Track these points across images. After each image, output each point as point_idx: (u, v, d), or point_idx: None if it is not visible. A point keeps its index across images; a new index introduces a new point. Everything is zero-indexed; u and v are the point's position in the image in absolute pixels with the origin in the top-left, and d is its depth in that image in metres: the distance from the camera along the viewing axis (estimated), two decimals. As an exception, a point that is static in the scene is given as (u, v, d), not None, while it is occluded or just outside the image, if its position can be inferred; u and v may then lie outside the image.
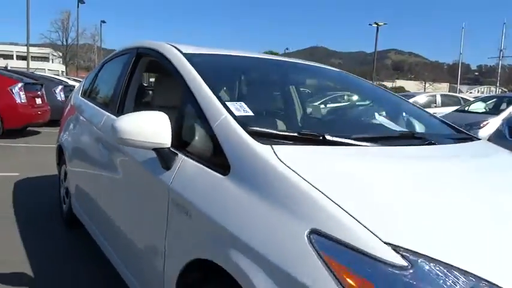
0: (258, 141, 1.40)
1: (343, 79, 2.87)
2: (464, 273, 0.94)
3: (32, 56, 46.54)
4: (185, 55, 2.06)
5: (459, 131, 2.28)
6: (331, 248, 1.02)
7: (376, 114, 2.29)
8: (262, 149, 1.36)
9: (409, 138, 1.87)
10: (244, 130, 1.46)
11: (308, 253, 1.04)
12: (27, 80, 9.17)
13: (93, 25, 50.25)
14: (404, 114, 2.46)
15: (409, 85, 75.71)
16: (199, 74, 1.84)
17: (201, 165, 1.53)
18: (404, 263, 0.95)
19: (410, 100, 12.57)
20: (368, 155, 1.52)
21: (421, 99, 12.90)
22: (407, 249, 0.97)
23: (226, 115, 1.55)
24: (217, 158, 1.48)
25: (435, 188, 1.32)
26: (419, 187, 1.31)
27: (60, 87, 11.20)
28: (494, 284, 0.92)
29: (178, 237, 1.53)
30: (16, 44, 72.59)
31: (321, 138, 1.53)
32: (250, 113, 1.62)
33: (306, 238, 1.06)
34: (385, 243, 0.98)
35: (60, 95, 10.85)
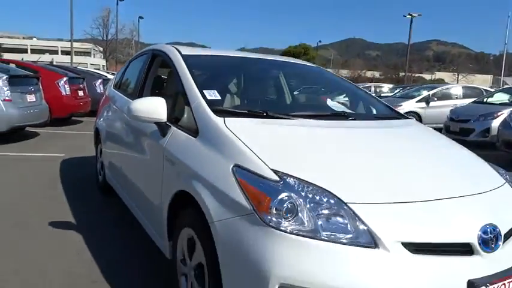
0: (217, 115, 2.12)
1: (317, 74, 3.52)
2: (310, 184, 1.62)
3: (75, 51, 48.93)
4: (182, 56, 2.80)
5: (397, 113, 2.89)
6: (243, 174, 1.73)
7: (328, 99, 2.95)
8: (217, 120, 2.08)
9: (338, 116, 2.53)
10: (210, 108, 2.19)
11: (231, 178, 1.74)
12: (71, 74, 10.28)
13: (131, 21, 52.21)
14: (359, 100, 3.10)
15: (447, 77, 73.37)
16: (189, 70, 2.57)
17: (184, 133, 2.26)
18: (278, 179, 1.64)
19: (431, 92, 12.79)
20: (291, 124, 2.20)
21: (441, 91, 13.01)
22: (282, 172, 1.66)
23: (201, 99, 2.27)
24: (193, 127, 2.20)
25: (322, 141, 2.03)
26: (310, 140, 2.01)
27: (99, 80, 12.34)
28: (328, 190, 1.59)
29: (168, 180, 2.27)
30: (61, 40, 76.62)
31: (264, 114, 2.23)
32: (219, 98, 2.35)
33: (231, 170, 1.77)
34: (271, 169, 1.68)
35: (99, 87, 11.96)
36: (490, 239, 1.63)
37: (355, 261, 1.48)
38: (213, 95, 2.35)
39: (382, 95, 16.59)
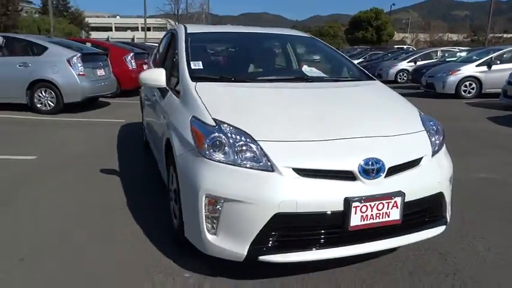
0: (192, 81, 2.78)
1: (307, 43, 4.00)
2: (236, 128, 2.22)
3: (153, 27, 51.68)
4: (186, 33, 3.48)
5: (367, 75, 3.31)
6: (195, 122, 2.39)
7: (305, 66, 3.44)
8: (191, 84, 2.75)
9: (300, 78, 3.06)
10: (190, 75, 2.86)
11: (188, 126, 2.42)
12: (136, 50, 11.52)
13: (201, -6, 53.62)
14: (336, 65, 3.56)
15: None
16: (185, 44, 3.25)
17: (174, 95, 2.97)
18: (215, 125, 2.28)
19: (494, 54, 12.02)
20: (250, 86, 2.80)
21: (508, 53, 12.14)
22: (219, 120, 2.29)
23: (185, 68, 2.95)
24: (179, 90, 2.90)
25: (264, 98, 2.61)
26: (253, 97, 2.61)
27: (164, 55, 13.50)
28: (247, 132, 2.19)
29: (164, 130, 3.00)
30: (140, 17, 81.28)
31: (232, 79, 2.86)
32: (201, 67, 3.00)
33: (189, 120, 2.45)
34: (212, 118, 2.32)
35: (163, 61, 13.13)
36: (371, 170, 2.12)
37: (258, 180, 2.09)
38: (197, 65, 3.01)
39: (446, 59, 15.78)
